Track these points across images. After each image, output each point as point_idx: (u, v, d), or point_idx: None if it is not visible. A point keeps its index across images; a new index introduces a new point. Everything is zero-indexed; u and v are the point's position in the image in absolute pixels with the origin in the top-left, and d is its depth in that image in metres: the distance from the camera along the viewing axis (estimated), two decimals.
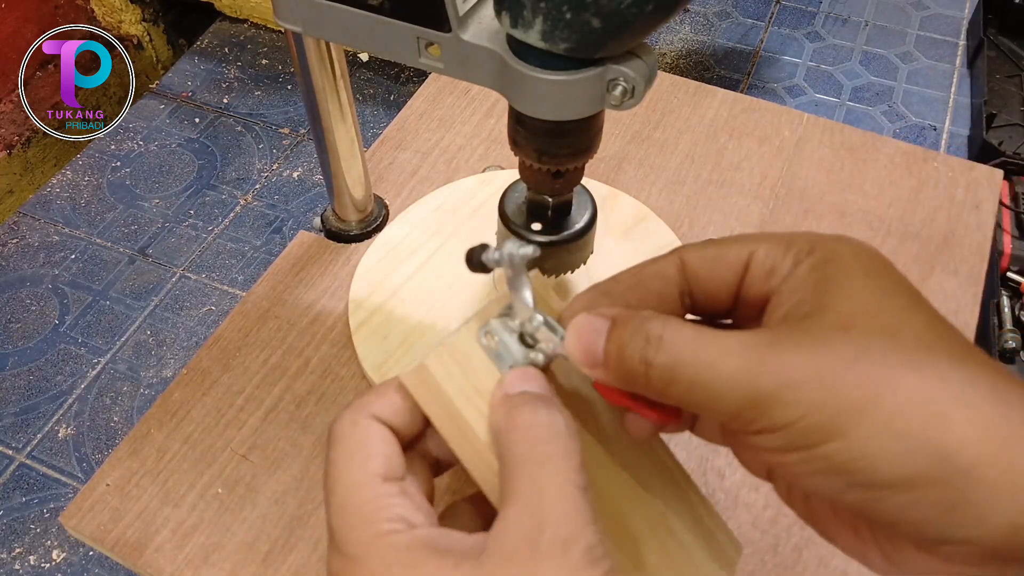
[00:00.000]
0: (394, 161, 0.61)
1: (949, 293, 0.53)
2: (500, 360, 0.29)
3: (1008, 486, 0.22)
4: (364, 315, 0.51)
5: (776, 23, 1.83)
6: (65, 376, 1.31)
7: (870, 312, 0.24)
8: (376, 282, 0.53)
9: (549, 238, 0.44)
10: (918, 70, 1.72)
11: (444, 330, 0.49)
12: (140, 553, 0.43)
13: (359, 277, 0.53)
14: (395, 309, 0.51)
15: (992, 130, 1.48)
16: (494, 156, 0.61)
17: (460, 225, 0.55)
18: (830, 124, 0.62)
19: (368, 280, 0.53)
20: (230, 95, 1.70)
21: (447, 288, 0.52)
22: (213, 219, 1.50)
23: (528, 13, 0.31)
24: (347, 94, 0.49)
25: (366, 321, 0.51)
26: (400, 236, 0.55)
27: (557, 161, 0.39)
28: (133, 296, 1.40)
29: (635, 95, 0.34)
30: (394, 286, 0.52)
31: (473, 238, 0.52)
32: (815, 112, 1.31)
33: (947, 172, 0.59)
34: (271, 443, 0.47)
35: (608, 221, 0.55)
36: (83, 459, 1.22)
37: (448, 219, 0.56)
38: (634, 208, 0.56)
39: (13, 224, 1.51)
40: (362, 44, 0.39)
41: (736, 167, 0.60)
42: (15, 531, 1.16)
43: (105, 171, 1.58)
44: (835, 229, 0.56)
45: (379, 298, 0.52)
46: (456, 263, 0.53)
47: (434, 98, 0.65)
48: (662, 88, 0.65)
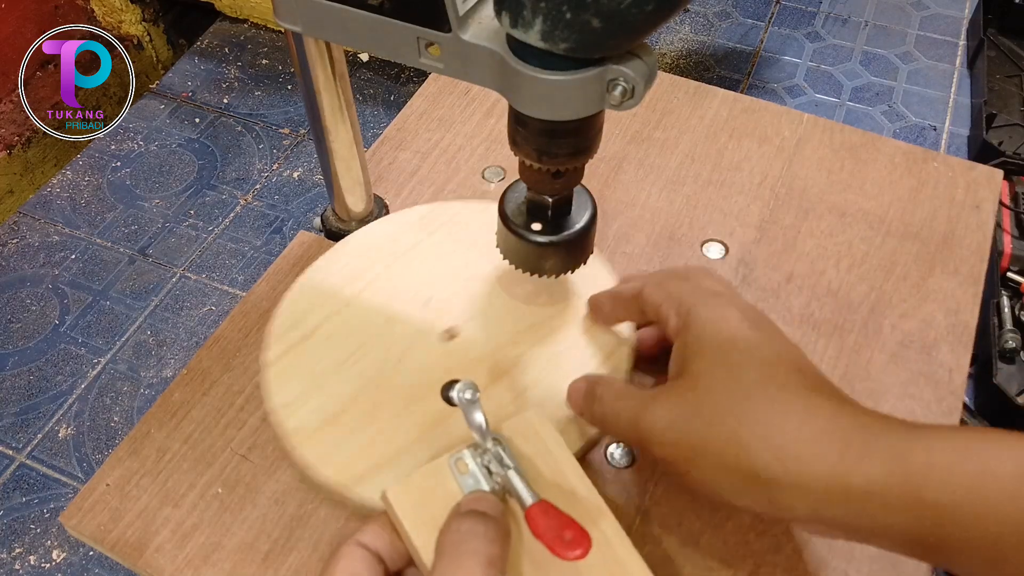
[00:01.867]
0: (394, 161, 0.61)
1: (949, 293, 0.53)
2: (465, 484, 0.38)
3: (800, 488, 0.32)
4: (282, 349, 0.48)
5: (776, 23, 1.83)
6: (65, 376, 1.31)
7: (711, 370, 0.36)
8: (301, 314, 0.50)
9: (549, 238, 0.44)
10: (918, 70, 1.72)
11: (359, 374, 0.47)
12: (140, 553, 0.43)
13: (284, 308, 0.50)
14: (315, 346, 0.48)
15: (992, 130, 1.48)
16: (494, 156, 0.61)
17: (401, 256, 0.53)
18: (830, 124, 0.62)
19: (293, 312, 0.50)
20: (230, 95, 1.70)
21: (374, 324, 0.50)
22: (213, 219, 1.50)
23: (528, 13, 0.31)
24: (347, 94, 0.49)
25: (283, 356, 0.48)
26: (338, 264, 0.53)
27: (557, 161, 0.39)
28: (133, 296, 1.40)
29: (635, 95, 0.34)
30: (318, 319, 0.50)
31: (404, 278, 0.51)
32: (815, 112, 1.31)
33: (947, 172, 0.59)
34: (271, 443, 0.47)
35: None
36: (83, 459, 1.22)
37: (391, 249, 0.53)
38: None
39: (13, 224, 1.51)
40: (362, 44, 0.39)
41: (736, 167, 0.60)
42: (15, 531, 1.16)
43: (105, 171, 1.58)
44: (835, 229, 0.56)
45: (302, 331, 0.49)
46: (390, 297, 0.51)
47: (434, 98, 0.65)
48: (662, 88, 0.65)
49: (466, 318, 0.50)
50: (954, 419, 0.47)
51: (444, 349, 0.48)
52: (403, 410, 0.46)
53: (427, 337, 0.49)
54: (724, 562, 0.42)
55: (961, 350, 0.50)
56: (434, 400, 0.46)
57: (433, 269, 0.52)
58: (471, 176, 0.60)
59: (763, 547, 0.42)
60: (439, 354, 0.48)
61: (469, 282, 0.51)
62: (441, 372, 0.47)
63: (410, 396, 0.46)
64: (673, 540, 0.42)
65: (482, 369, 0.47)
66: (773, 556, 0.42)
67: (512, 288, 0.51)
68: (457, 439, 0.43)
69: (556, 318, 0.49)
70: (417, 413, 0.45)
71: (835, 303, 0.52)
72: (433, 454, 0.42)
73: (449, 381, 0.45)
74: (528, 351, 0.48)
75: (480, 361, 0.48)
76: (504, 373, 0.47)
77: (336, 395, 0.46)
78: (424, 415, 0.45)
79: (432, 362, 0.48)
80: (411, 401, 0.46)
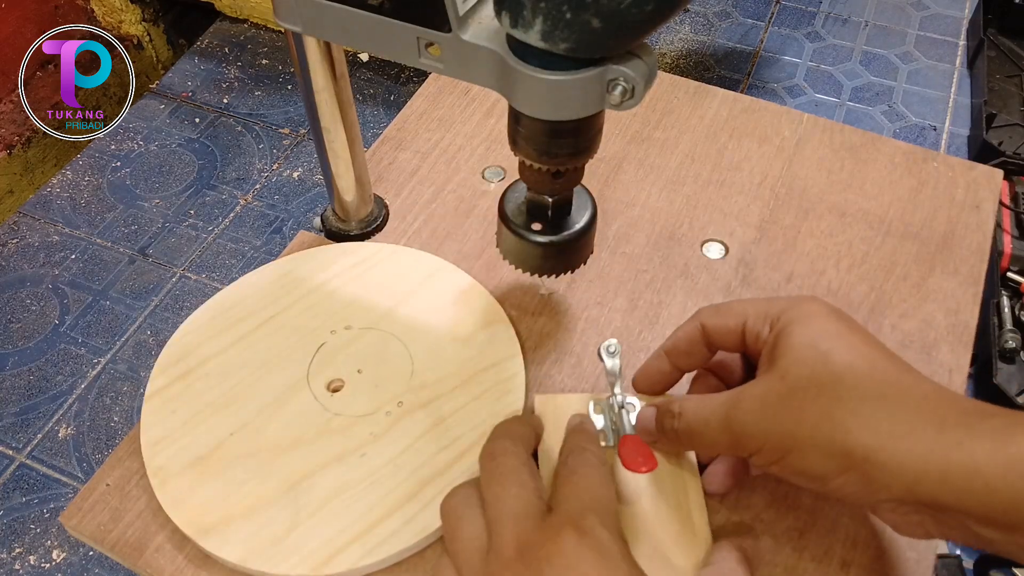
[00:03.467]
0: (394, 161, 0.61)
1: (949, 293, 0.53)
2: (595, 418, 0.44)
3: (896, 464, 0.33)
4: (163, 383, 0.47)
5: (776, 23, 1.83)
6: (65, 376, 1.31)
7: (802, 360, 0.36)
8: (190, 347, 0.48)
9: (549, 238, 0.44)
10: (918, 70, 1.72)
11: (234, 418, 0.45)
12: (140, 553, 0.43)
13: (175, 341, 0.49)
14: (196, 383, 0.47)
15: (992, 130, 1.48)
16: (494, 156, 0.61)
17: (300, 299, 0.51)
18: (830, 124, 0.62)
19: (183, 344, 0.49)
20: (230, 95, 1.70)
21: (259, 367, 0.48)
22: (213, 219, 1.50)
23: (528, 13, 0.31)
24: (347, 94, 0.49)
25: (162, 390, 0.47)
26: (234, 300, 0.51)
27: (557, 161, 0.39)
28: (133, 296, 1.40)
29: (635, 95, 0.34)
30: (205, 355, 0.48)
31: (310, 315, 0.50)
32: (815, 112, 1.31)
33: (947, 172, 0.59)
34: None
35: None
36: (83, 459, 1.22)
37: (290, 290, 0.51)
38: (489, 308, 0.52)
39: (13, 224, 1.51)
40: (362, 44, 0.39)
41: (736, 167, 0.60)
42: (15, 531, 1.16)
43: (105, 171, 1.58)
44: (835, 229, 0.56)
45: (185, 366, 0.48)
46: (279, 340, 0.49)
47: (434, 98, 0.65)
48: (662, 88, 0.65)
49: (353, 371, 0.48)
50: None
51: (326, 401, 0.47)
52: (268, 463, 0.44)
53: (310, 386, 0.47)
54: None
55: (961, 350, 0.50)
56: (304, 456, 0.44)
57: (336, 313, 0.50)
58: (471, 176, 0.60)
59: (763, 547, 0.42)
60: (319, 406, 0.46)
61: (367, 332, 0.49)
62: (319, 425, 0.45)
63: (280, 447, 0.44)
64: None
65: (362, 429, 0.45)
66: (773, 556, 0.42)
67: (411, 344, 0.49)
68: (318, 500, 0.42)
69: (446, 381, 0.47)
70: (283, 469, 0.43)
71: (835, 303, 0.52)
72: (291, 515, 0.42)
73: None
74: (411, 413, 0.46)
75: (361, 419, 0.46)
76: (383, 434, 0.45)
77: (205, 437, 0.45)
78: (290, 472, 0.43)
79: (311, 414, 0.46)
80: (280, 452, 0.44)
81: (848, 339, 0.36)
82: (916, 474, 0.32)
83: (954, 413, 0.33)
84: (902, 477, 0.32)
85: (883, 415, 0.33)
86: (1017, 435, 0.31)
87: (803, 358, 0.36)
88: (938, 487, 0.32)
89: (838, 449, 0.33)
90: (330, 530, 0.41)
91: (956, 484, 0.32)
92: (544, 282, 0.53)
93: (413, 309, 0.51)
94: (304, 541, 0.41)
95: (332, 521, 0.42)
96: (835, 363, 0.35)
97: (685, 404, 0.40)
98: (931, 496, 0.32)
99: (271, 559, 0.41)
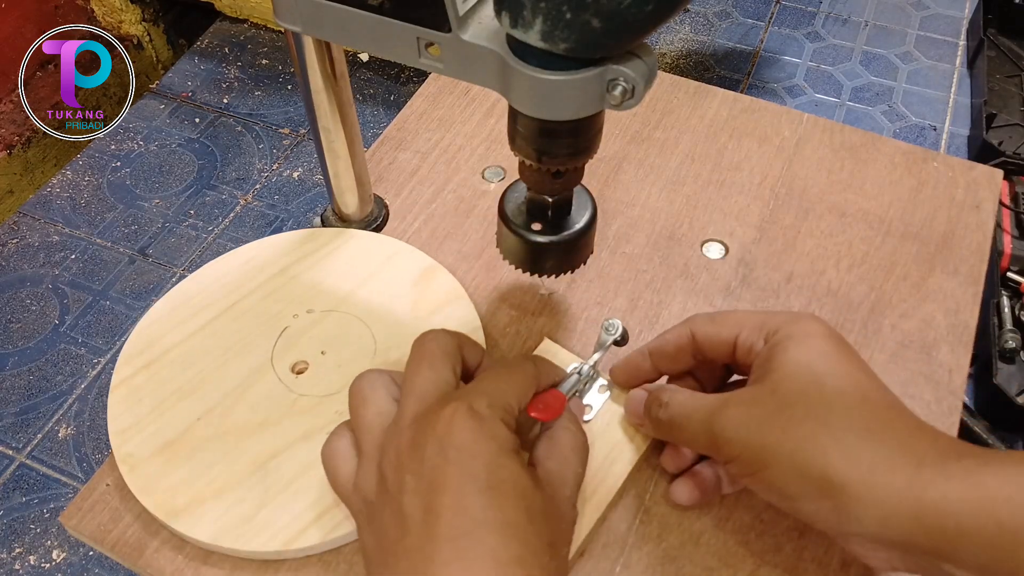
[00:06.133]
0: (394, 161, 0.61)
1: (949, 293, 0.53)
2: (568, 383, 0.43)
3: (871, 498, 0.32)
4: (128, 372, 0.47)
5: (776, 23, 1.83)
6: (65, 376, 1.31)
7: (795, 377, 0.36)
8: (154, 337, 0.49)
9: (549, 238, 0.44)
10: (918, 70, 1.72)
11: (200, 403, 0.46)
12: (140, 553, 0.43)
13: (139, 331, 0.49)
14: (160, 371, 0.47)
15: (992, 130, 1.48)
16: (494, 156, 0.61)
17: (261, 285, 0.51)
18: (830, 124, 0.62)
19: (147, 334, 0.49)
20: (230, 95, 1.70)
21: (223, 352, 0.48)
22: (213, 219, 1.50)
23: (528, 13, 0.31)
24: (347, 94, 0.49)
25: (128, 379, 0.47)
26: (197, 289, 0.51)
27: (557, 161, 0.39)
28: (133, 296, 1.40)
29: (635, 95, 0.34)
30: (169, 344, 0.48)
31: (272, 300, 0.50)
32: (815, 112, 1.31)
33: (947, 172, 0.59)
34: None
35: (424, 296, 0.52)
36: (83, 459, 1.22)
37: (252, 277, 0.52)
38: (449, 286, 0.52)
39: (13, 224, 1.51)
40: (362, 44, 0.39)
41: (736, 167, 0.60)
42: (15, 531, 1.16)
43: (105, 171, 1.58)
44: (835, 229, 0.56)
45: (150, 355, 0.48)
46: (242, 326, 0.49)
47: (434, 98, 0.65)
48: (662, 88, 0.65)
49: (316, 353, 0.48)
50: (954, 419, 0.47)
51: (291, 383, 0.47)
52: (236, 445, 0.44)
53: (275, 369, 0.47)
54: (724, 562, 0.42)
55: (961, 350, 0.50)
56: (271, 436, 0.44)
57: (298, 298, 0.51)
58: (471, 176, 0.60)
59: (763, 547, 0.42)
60: (284, 388, 0.47)
61: (329, 315, 0.50)
62: (284, 406, 0.46)
63: (247, 428, 0.45)
64: (673, 540, 0.42)
65: (328, 408, 0.46)
66: (773, 556, 0.42)
67: (373, 325, 0.49)
68: (286, 478, 0.43)
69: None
70: (251, 450, 0.44)
71: (835, 303, 0.52)
72: (260, 494, 0.42)
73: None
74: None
75: (327, 399, 0.46)
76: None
77: (173, 423, 0.45)
78: (257, 452, 0.44)
79: (277, 395, 0.46)
80: (247, 434, 0.45)
81: (843, 365, 0.36)
82: (890, 510, 0.32)
83: (932, 452, 0.33)
84: (876, 511, 0.32)
85: (866, 448, 0.33)
86: (987, 476, 0.31)
87: (796, 375, 0.36)
88: (910, 525, 0.32)
89: (816, 473, 0.33)
90: (299, 506, 0.42)
91: (928, 523, 0.32)
92: (544, 282, 0.53)
93: (374, 290, 0.51)
94: (274, 518, 0.42)
95: (300, 497, 0.42)
96: (827, 387, 0.35)
97: (674, 396, 0.40)
98: (903, 534, 0.32)
99: (242, 536, 0.41)
